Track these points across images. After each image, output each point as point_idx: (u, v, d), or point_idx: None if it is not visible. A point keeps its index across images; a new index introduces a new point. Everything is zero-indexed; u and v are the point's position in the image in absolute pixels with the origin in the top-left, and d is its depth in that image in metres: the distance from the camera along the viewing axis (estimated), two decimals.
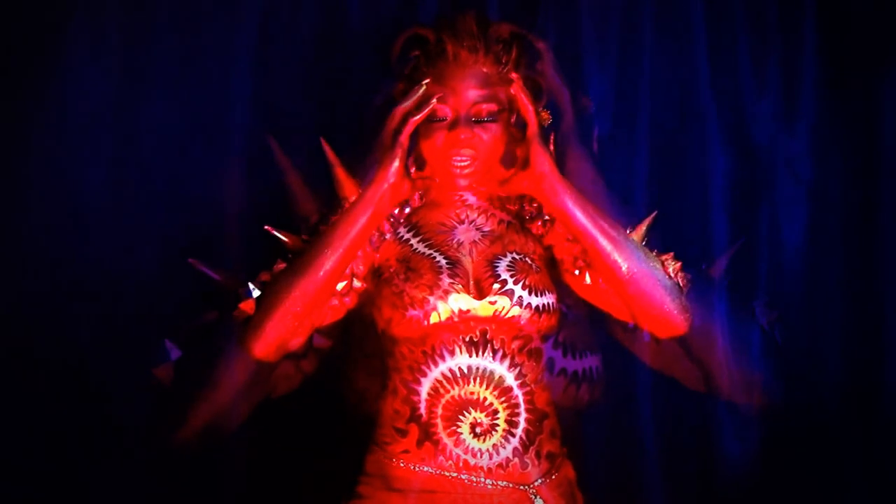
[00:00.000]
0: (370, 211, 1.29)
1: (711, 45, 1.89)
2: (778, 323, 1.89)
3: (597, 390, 1.38)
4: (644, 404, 1.90)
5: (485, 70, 1.39)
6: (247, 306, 1.32)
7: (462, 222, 1.43)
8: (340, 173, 1.39)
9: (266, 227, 1.36)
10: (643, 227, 1.40)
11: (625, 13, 1.90)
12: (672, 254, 1.37)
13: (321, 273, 1.27)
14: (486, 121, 1.37)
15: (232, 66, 1.81)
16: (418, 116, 1.29)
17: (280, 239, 1.36)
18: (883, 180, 1.91)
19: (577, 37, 1.88)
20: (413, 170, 1.41)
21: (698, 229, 1.90)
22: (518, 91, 1.33)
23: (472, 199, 1.45)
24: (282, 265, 1.33)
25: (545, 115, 1.37)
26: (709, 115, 1.89)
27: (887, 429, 1.91)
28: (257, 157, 1.80)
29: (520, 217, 1.47)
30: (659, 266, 1.33)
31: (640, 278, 1.30)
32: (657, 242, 1.49)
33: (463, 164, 1.36)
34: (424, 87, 1.32)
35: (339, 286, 1.35)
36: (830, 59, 1.92)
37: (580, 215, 1.29)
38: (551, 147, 1.43)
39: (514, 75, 1.35)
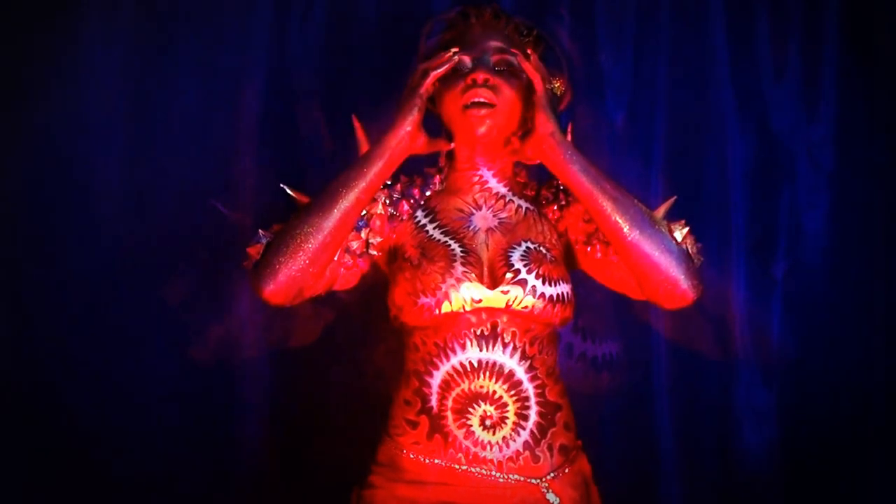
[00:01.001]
0: (387, 155, 1.27)
1: (730, 31, 1.84)
2: (792, 274, 1.85)
3: (617, 376, 1.32)
4: (660, 398, 1.87)
5: (506, 32, 1.41)
6: (255, 250, 1.27)
7: (479, 208, 1.39)
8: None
9: (282, 185, 1.33)
10: (662, 209, 1.33)
11: (641, 1, 1.85)
12: (683, 220, 1.31)
13: (335, 211, 1.24)
14: (506, 72, 1.36)
15: (248, 54, 1.79)
16: (441, 69, 1.29)
17: (294, 198, 1.32)
18: None
19: (592, 25, 1.84)
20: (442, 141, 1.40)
21: (717, 217, 1.86)
22: (532, 60, 1.31)
23: (491, 181, 1.41)
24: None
25: (559, 83, 1.35)
26: (727, 101, 1.83)
27: None
28: (273, 142, 1.79)
29: (537, 203, 1.44)
30: (665, 231, 1.27)
31: (644, 242, 1.24)
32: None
33: (480, 112, 1.31)
34: (451, 52, 1.32)
35: (354, 245, 1.34)
36: (853, 44, 1.85)
37: (582, 175, 1.26)
38: (568, 136, 1.39)
39: (530, 50, 1.35)
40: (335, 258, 1.31)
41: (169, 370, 1.77)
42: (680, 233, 1.28)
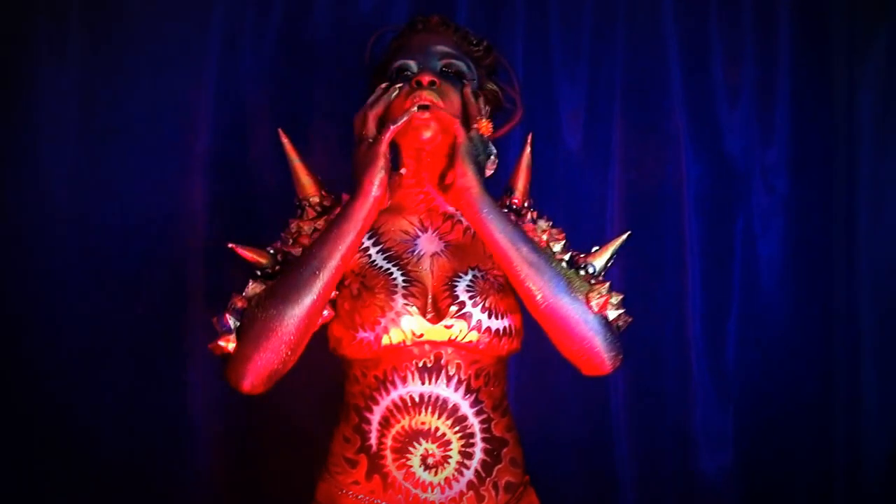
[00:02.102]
0: (359, 226, 1.15)
1: (684, 54, 1.80)
2: (747, 297, 1.82)
3: (515, 342, 1.22)
4: (618, 425, 1.83)
5: (454, 40, 1.32)
6: (225, 341, 1.14)
7: (426, 230, 1.30)
8: (300, 168, 1.29)
9: (230, 244, 1.21)
10: (610, 248, 1.28)
11: (595, 24, 1.81)
12: (608, 283, 1.22)
13: (312, 296, 1.13)
14: (453, 76, 1.27)
15: (198, 69, 1.73)
16: (399, 123, 1.17)
17: (246, 258, 1.21)
18: (861, 190, 1.82)
19: (547, 49, 1.80)
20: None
21: (672, 240, 1.83)
22: (465, 93, 1.23)
23: (438, 199, 1.30)
24: (254, 285, 1.19)
25: (487, 125, 1.22)
26: (681, 125, 1.79)
27: (862, 443, 1.84)
28: (224, 159, 1.73)
29: None
30: (582, 300, 1.17)
31: (557, 311, 1.16)
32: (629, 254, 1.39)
33: (425, 115, 1.20)
34: (396, 87, 1.23)
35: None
36: (806, 66, 1.82)
37: (499, 235, 1.15)
38: (528, 148, 1.35)
39: (466, 86, 1.25)
40: None
41: (119, 391, 1.72)
42: (597, 302, 1.18)
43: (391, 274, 1.23)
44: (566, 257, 1.27)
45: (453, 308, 1.20)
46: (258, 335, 1.13)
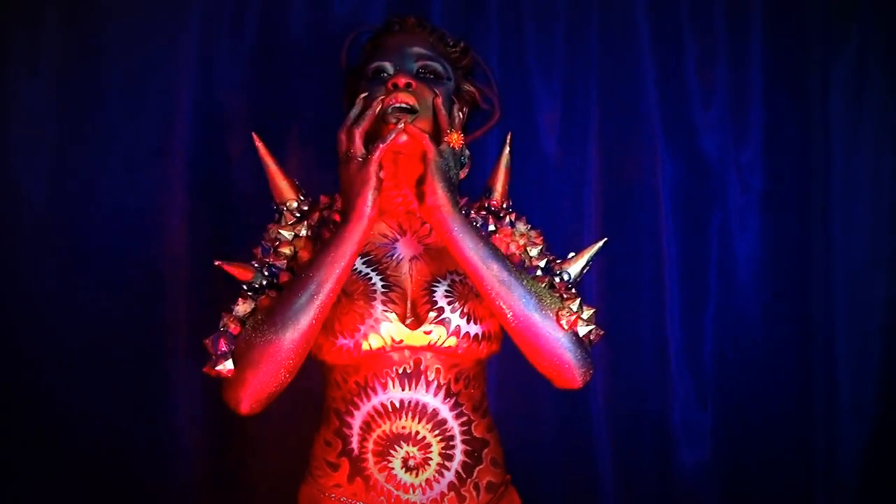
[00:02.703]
0: (354, 248, 1.13)
1: (657, 56, 1.80)
2: (725, 295, 1.84)
3: (494, 344, 1.22)
4: (598, 422, 1.84)
5: (430, 41, 1.30)
6: (221, 364, 1.12)
7: (404, 233, 1.29)
8: (275, 173, 1.27)
9: (217, 262, 1.19)
10: (585, 254, 1.27)
11: (569, 26, 1.80)
12: (578, 300, 1.20)
13: (308, 320, 1.11)
14: (431, 78, 1.25)
15: (175, 74, 1.72)
16: (388, 141, 1.14)
17: (233, 274, 1.20)
18: (835, 187, 1.84)
19: (522, 53, 1.80)
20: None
21: (649, 239, 1.84)
22: (436, 104, 1.20)
23: (416, 201, 1.24)
24: (244, 304, 1.17)
25: (458, 138, 1.19)
26: (656, 126, 1.80)
27: (839, 437, 1.86)
28: (203, 166, 1.72)
29: None
30: (552, 317, 1.17)
31: (528, 329, 1.15)
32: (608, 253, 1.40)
33: (401, 117, 1.17)
34: (365, 96, 1.19)
35: None
36: (779, 66, 1.83)
37: (470, 253, 1.14)
38: (506, 148, 1.33)
39: (437, 97, 1.21)
40: None
41: (99, 391, 1.70)
42: (567, 320, 1.17)
43: (370, 279, 1.22)
44: (542, 264, 1.27)
45: (432, 314, 1.19)
46: (256, 361, 1.11)
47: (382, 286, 1.22)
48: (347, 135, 1.16)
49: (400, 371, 1.20)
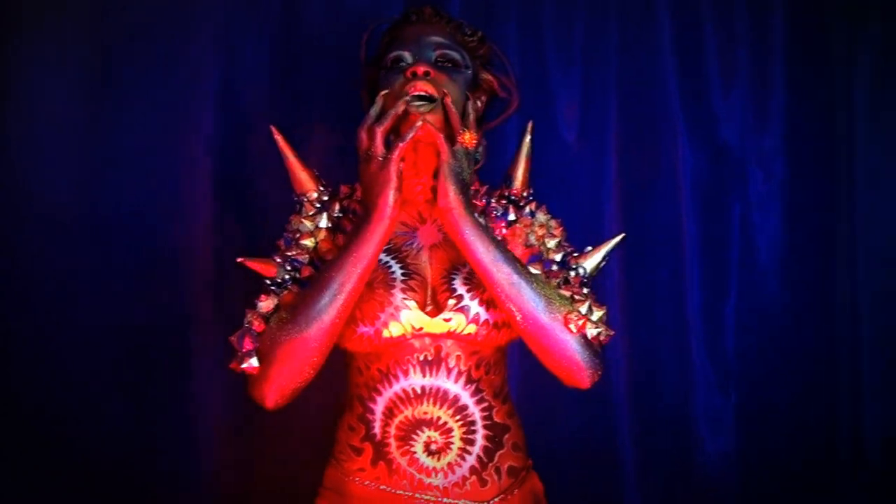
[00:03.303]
0: (375, 249, 1.14)
1: (678, 43, 1.79)
2: (746, 281, 1.83)
3: (513, 332, 1.22)
4: (620, 410, 1.84)
5: (448, 30, 1.29)
6: (247, 362, 1.14)
7: (424, 222, 1.28)
8: (295, 165, 1.27)
9: (239, 259, 1.21)
10: (603, 249, 1.27)
11: (589, 16, 1.80)
12: (587, 302, 1.19)
13: (332, 319, 1.13)
14: (449, 67, 1.24)
15: (197, 69, 1.72)
16: (407, 139, 1.13)
17: (256, 270, 1.21)
18: (858, 174, 1.83)
19: (541, 44, 1.80)
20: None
21: (671, 227, 1.83)
22: (446, 102, 1.18)
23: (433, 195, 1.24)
24: (267, 301, 1.18)
25: (471, 137, 1.17)
26: (677, 114, 1.79)
27: (863, 426, 1.85)
28: (224, 161, 1.73)
29: (485, 215, 1.31)
30: (560, 320, 1.16)
31: (536, 331, 1.15)
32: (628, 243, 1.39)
33: (421, 108, 1.17)
34: (385, 93, 1.19)
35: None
36: (800, 52, 1.81)
37: (481, 256, 1.14)
38: (527, 137, 1.31)
39: (447, 97, 1.19)
40: None
41: (125, 387, 1.71)
42: (576, 323, 1.17)
43: (390, 267, 1.23)
44: (558, 257, 1.27)
45: (451, 301, 1.20)
46: (281, 358, 1.13)
47: (402, 274, 1.22)
48: (368, 133, 1.16)
49: (421, 358, 1.21)
